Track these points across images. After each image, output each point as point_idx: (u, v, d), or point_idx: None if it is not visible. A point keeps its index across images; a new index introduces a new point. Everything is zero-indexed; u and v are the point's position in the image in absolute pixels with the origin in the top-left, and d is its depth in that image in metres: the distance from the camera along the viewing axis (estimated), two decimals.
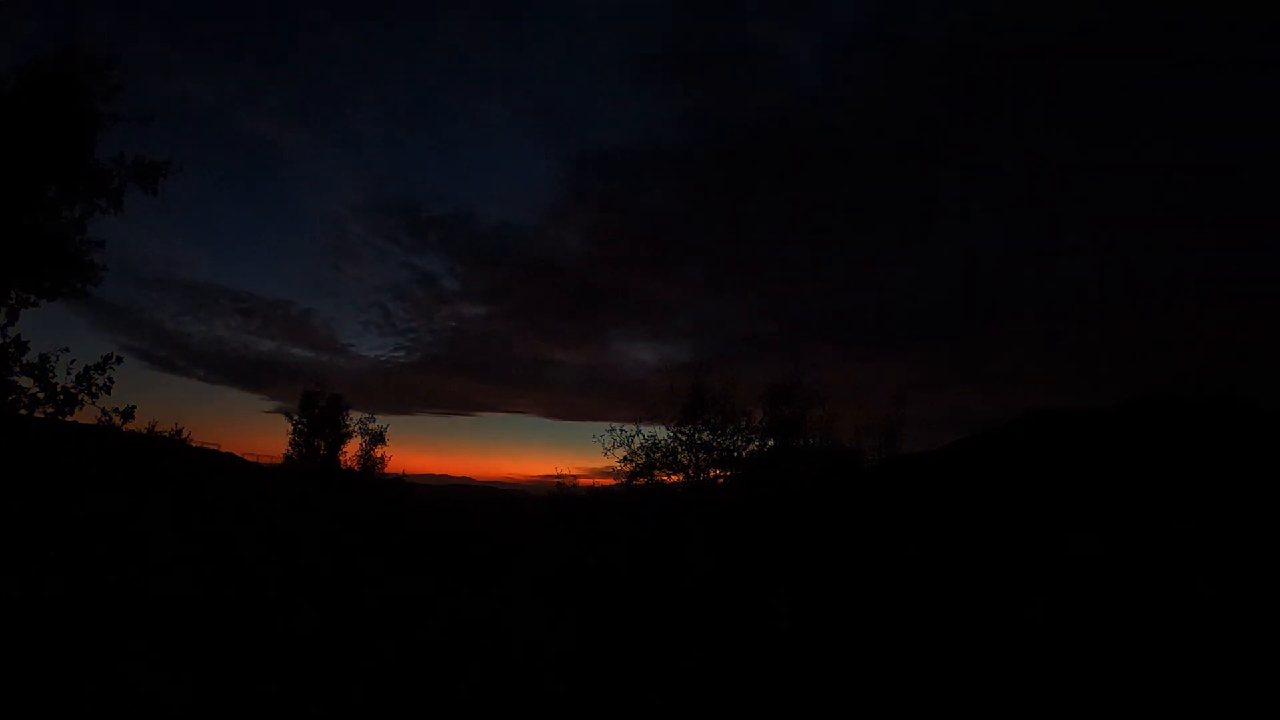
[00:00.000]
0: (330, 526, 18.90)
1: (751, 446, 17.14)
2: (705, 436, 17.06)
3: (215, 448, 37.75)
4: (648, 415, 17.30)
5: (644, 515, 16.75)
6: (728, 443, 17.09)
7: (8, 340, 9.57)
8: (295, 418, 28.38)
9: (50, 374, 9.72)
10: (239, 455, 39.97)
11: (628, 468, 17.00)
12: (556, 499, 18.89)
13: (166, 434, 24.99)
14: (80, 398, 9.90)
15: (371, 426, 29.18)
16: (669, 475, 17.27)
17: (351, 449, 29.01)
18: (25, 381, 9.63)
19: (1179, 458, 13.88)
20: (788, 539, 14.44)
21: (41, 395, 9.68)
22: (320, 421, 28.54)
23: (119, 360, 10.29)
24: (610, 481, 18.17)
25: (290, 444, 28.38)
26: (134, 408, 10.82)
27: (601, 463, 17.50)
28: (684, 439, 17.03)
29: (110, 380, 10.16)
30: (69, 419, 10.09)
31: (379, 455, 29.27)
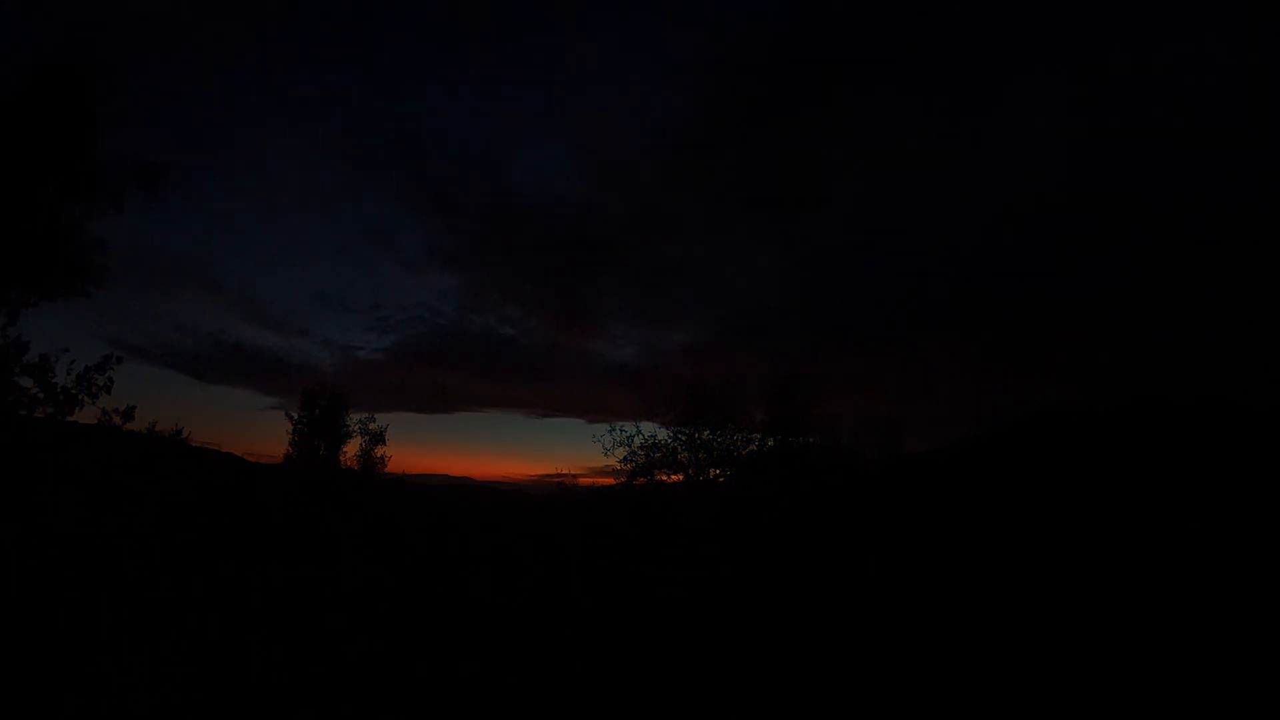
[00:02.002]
0: None
1: (751, 447, 17.13)
2: (705, 436, 17.05)
3: (216, 448, 37.81)
4: (646, 413, 17.35)
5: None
6: (727, 442, 17.07)
7: (8, 340, 9.58)
8: (296, 416, 28.41)
9: (50, 374, 9.73)
10: (239, 455, 40.02)
11: (628, 467, 17.01)
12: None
13: (166, 434, 25.01)
14: (80, 398, 9.91)
15: (371, 426, 29.22)
16: (669, 475, 17.27)
17: (351, 449, 29.07)
18: (25, 382, 9.65)
19: (1175, 457, 13.90)
20: (780, 540, 14.44)
21: (41, 395, 9.69)
22: (320, 421, 28.55)
23: (119, 360, 10.30)
24: (610, 480, 18.20)
25: (290, 444, 28.42)
26: (134, 408, 10.84)
27: (600, 461, 17.53)
28: (684, 438, 17.03)
29: (110, 380, 10.17)
30: (69, 419, 10.10)
31: (379, 455, 29.34)
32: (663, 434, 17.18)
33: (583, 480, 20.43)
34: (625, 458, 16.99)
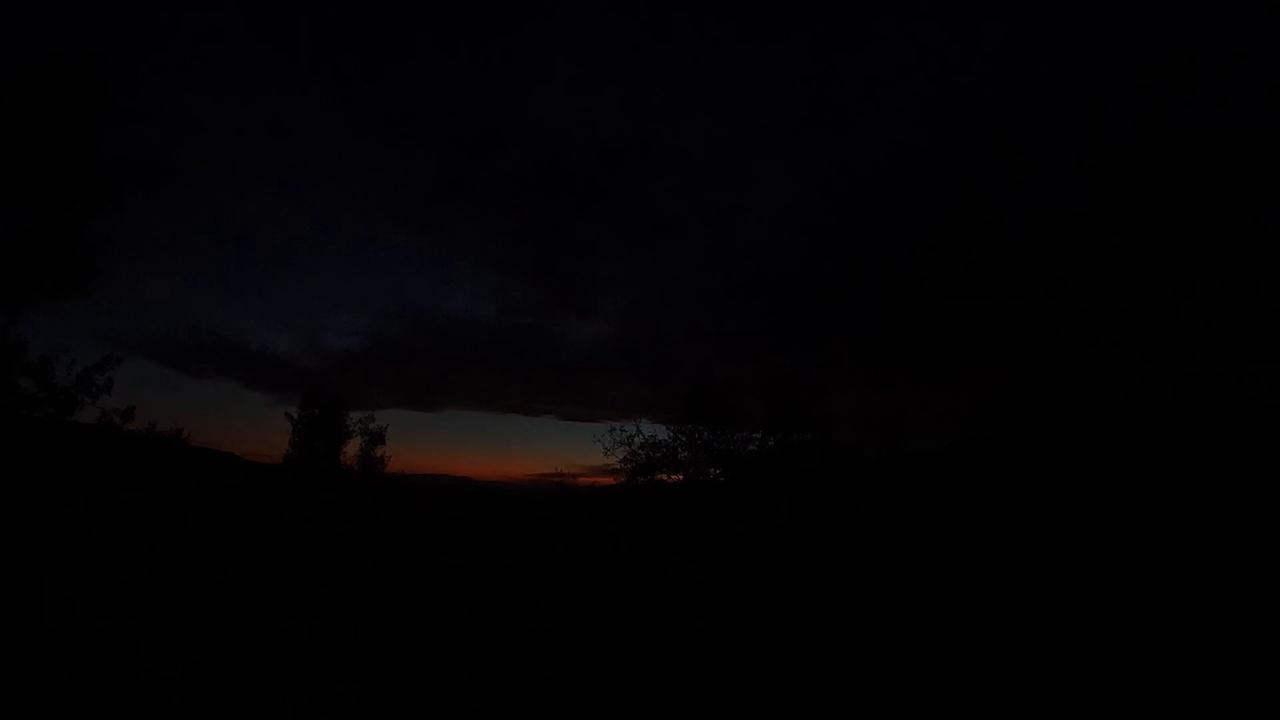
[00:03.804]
0: None
1: (752, 447, 17.18)
2: (705, 435, 17.11)
3: (215, 448, 37.79)
4: (646, 410, 17.45)
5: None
6: (728, 441, 17.13)
7: (7, 340, 9.59)
8: (296, 416, 28.55)
9: (50, 375, 9.76)
10: (238, 455, 39.97)
11: (628, 467, 17.06)
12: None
13: (167, 434, 25.05)
14: (80, 398, 9.94)
15: (372, 426, 29.37)
16: (669, 475, 17.31)
17: (351, 449, 29.19)
18: (25, 382, 9.67)
19: (1179, 459, 13.90)
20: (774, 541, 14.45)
21: (42, 396, 9.71)
22: (320, 421, 28.65)
23: (119, 361, 10.33)
24: (610, 480, 18.26)
25: (290, 444, 28.55)
26: (134, 408, 10.86)
27: (600, 460, 17.60)
28: (684, 438, 17.08)
29: (110, 380, 10.20)
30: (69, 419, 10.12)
31: (379, 455, 29.47)
32: (662, 433, 17.26)
33: (583, 480, 20.52)
34: (625, 457, 17.06)
